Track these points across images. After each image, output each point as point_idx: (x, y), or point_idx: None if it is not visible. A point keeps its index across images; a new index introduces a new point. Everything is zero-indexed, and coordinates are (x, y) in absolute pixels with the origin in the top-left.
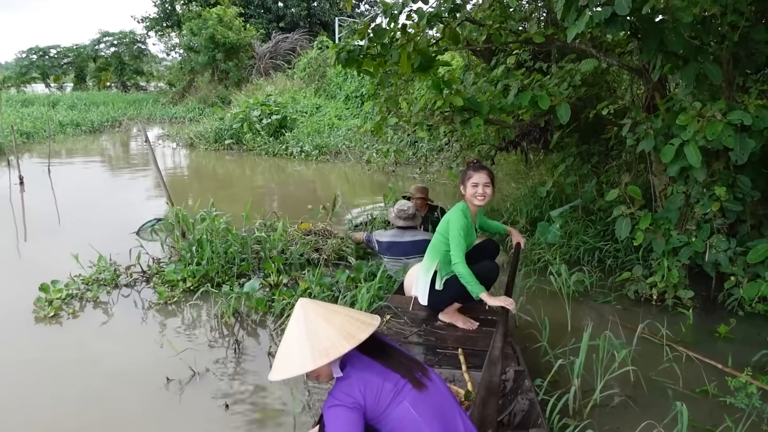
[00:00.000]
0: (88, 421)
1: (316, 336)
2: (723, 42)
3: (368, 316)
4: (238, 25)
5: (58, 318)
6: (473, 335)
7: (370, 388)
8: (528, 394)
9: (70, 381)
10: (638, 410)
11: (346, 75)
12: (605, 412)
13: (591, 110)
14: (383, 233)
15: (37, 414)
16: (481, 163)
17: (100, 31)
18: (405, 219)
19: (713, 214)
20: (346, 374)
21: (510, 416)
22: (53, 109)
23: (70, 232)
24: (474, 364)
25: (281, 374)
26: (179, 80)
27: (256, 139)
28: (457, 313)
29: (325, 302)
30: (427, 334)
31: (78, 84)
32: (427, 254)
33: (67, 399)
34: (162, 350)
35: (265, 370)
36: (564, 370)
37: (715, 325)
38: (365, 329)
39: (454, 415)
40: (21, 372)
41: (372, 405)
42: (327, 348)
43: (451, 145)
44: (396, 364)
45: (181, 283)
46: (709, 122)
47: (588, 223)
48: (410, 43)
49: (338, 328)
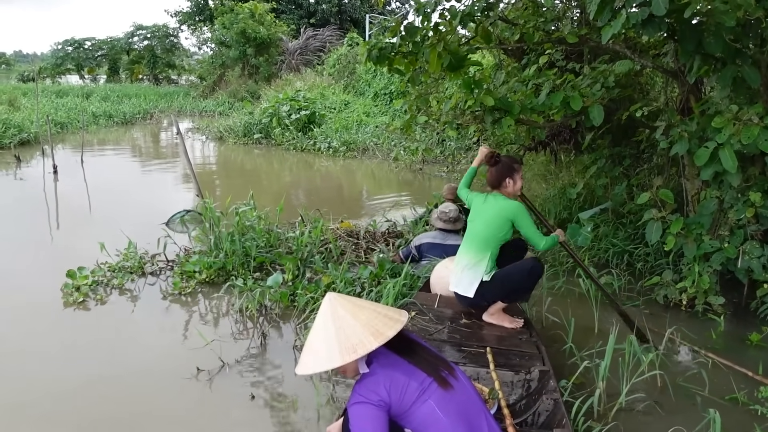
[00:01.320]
0: (120, 407)
1: (343, 332)
2: (763, 45)
3: (396, 311)
4: (270, 21)
5: (85, 304)
6: (498, 334)
7: (396, 386)
8: (553, 394)
9: (99, 367)
10: (664, 415)
11: (375, 72)
12: (630, 416)
13: (624, 112)
14: (422, 236)
15: (67, 401)
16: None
17: (134, 25)
18: (446, 222)
19: (747, 220)
20: (372, 370)
21: (534, 416)
22: (87, 100)
23: (101, 221)
24: (499, 363)
25: (308, 369)
26: (210, 74)
27: (285, 134)
28: (503, 313)
29: (352, 297)
30: (452, 332)
31: (111, 76)
32: (476, 248)
33: (96, 385)
34: (187, 340)
35: (289, 363)
36: (590, 373)
37: (747, 333)
38: (393, 326)
39: (479, 415)
40: (51, 357)
41: (397, 402)
42: (354, 345)
43: (480, 144)
44: (422, 362)
45: (197, 274)
46: (745, 126)
47: (618, 226)
48: (440, 43)
49: (366, 324)
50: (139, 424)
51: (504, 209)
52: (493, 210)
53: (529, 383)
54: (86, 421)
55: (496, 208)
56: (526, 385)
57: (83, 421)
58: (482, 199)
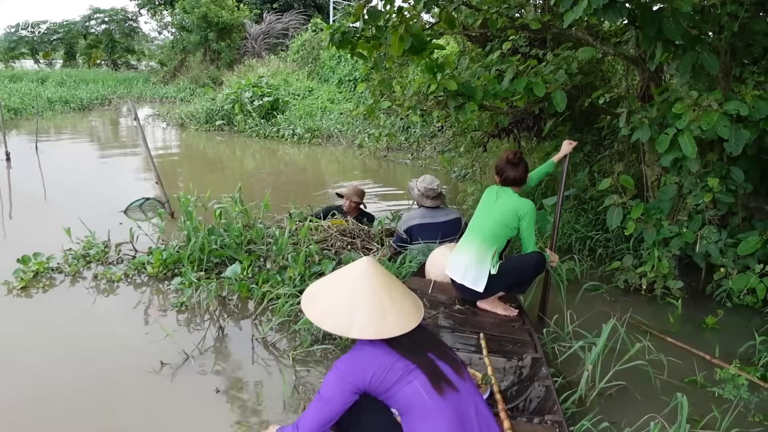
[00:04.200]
0: (81, 401)
1: (381, 312)
2: (721, 32)
3: (415, 299)
4: (232, 5)
5: (28, 291)
6: (492, 321)
7: (379, 365)
8: (545, 381)
9: (47, 358)
10: (628, 401)
11: (339, 58)
12: (600, 402)
13: (586, 99)
14: (410, 217)
15: (19, 395)
16: None
17: (91, 8)
18: (434, 198)
19: (705, 205)
20: (359, 345)
21: (526, 402)
22: (42, 85)
23: (57, 210)
24: (492, 349)
25: (330, 326)
26: (171, 59)
27: (248, 120)
28: (497, 301)
29: (384, 270)
30: (446, 318)
31: (68, 61)
32: (482, 241)
33: (49, 379)
34: (140, 332)
35: (250, 355)
36: (570, 357)
37: (703, 316)
38: (417, 313)
39: (468, 401)
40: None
41: (377, 382)
42: (383, 330)
43: (444, 131)
44: (412, 354)
45: (149, 267)
46: (704, 112)
47: (580, 212)
48: (402, 25)
49: (398, 308)
50: (103, 419)
51: (518, 207)
52: (507, 206)
53: (522, 370)
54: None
55: (510, 205)
56: (518, 371)
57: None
58: (494, 195)
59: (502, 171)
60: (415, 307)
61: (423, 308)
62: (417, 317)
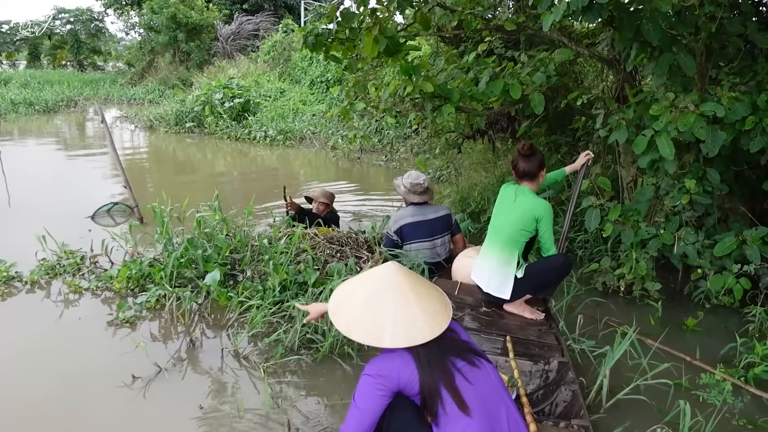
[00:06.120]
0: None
1: (410, 318)
2: (698, 33)
3: (444, 299)
4: (201, 5)
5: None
6: (518, 324)
7: (410, 370)
8: (571, 386)
9: (14, 373)
10: (628, 406)
11: (311, 60)
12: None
13: (562, 100)
14: (399, 217)
15: None
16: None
17: (56, 8)
18: (421, 194)
19: (682, 207)
20: (390, 350)
21: (552, 405)
22: (5, 87)
23: (22, 215)
24: (518, 352)
25: (362, 337)
26: (139, 60)
27: (218, 122)
28: (524, 304)
29: (409, 272)
30: (473, 320)
31: (32, 62)
32: (503, 245)
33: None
34: (111, 345)
35: (224, 366)
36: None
37: (682, 318)
38: (446, 314)
39: (498, 404)
40: None
41: (409, 386)
42: (414, 336)
43: (419, 132)
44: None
45: (116, 282)
46: (681, 113)
47: (558, 213)
48: (376, 27)
49: (427, 312)
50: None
51: (534, 210)
52: (524, 208)
53: (548, 374)
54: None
55: (527, 207)
56: (544, 375)
57: None
58: (512, 195)
59: (515, 164)
60: (443, 307)
61: (451, 306)
62: (446, 317)
